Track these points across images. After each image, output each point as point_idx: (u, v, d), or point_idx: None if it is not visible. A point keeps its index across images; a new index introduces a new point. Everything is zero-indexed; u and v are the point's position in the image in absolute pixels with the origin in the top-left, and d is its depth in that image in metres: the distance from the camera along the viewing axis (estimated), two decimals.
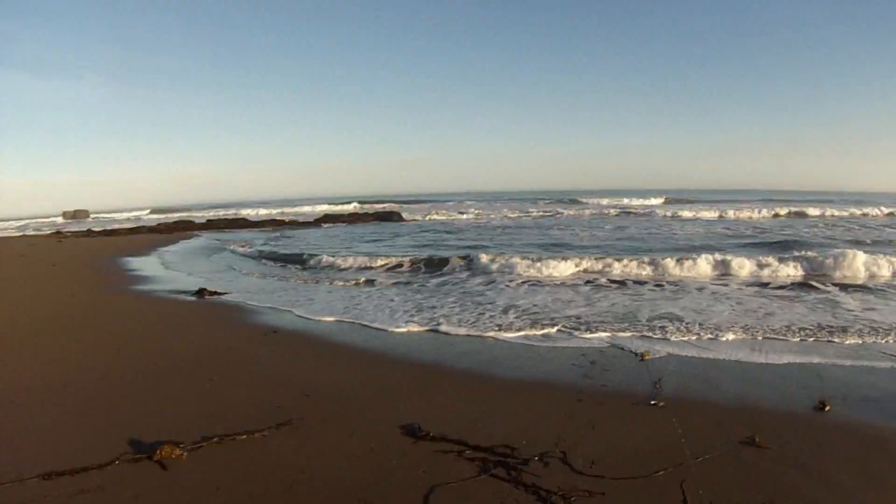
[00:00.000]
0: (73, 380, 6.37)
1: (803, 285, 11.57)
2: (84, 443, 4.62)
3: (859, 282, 11.84)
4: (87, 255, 22.77)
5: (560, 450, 4.39)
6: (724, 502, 3.62)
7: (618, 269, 13.32)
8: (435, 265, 15.22)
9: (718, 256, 13.75)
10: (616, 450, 4.41)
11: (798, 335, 7.90)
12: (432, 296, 11.56)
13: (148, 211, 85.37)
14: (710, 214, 36.22)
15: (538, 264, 13.78)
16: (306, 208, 62.11)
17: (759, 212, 36.41)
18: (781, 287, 11.59)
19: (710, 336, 7.91)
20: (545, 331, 8.41)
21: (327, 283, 13.68)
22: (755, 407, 5.32)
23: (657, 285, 11.95)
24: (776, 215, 35.48)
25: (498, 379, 6.33)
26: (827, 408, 5.19)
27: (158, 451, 4.27)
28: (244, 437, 4.64)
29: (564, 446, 4.45)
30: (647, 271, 13.17)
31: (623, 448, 4.45)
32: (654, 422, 4.99)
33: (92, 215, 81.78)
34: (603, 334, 8.13)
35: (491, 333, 8.36)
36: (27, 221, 73.27)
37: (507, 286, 12.27)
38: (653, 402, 5.43)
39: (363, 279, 13.82)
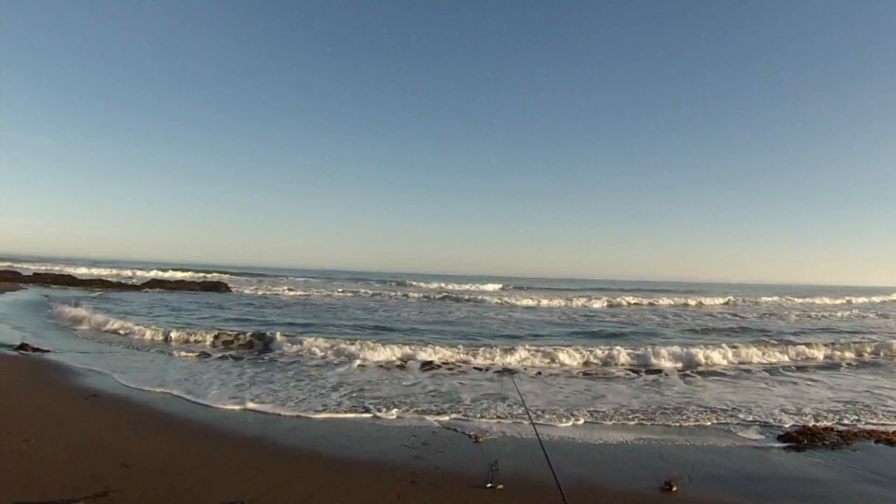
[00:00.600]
0: None
1: (633, 371, 12.01)
2: None
3: (690, 369, 12.44)
4: None
5: None
6: None
7: (445, 353, 12.93)
8: (260, 341, 14.31)
9: (544, 345, 13.96)
10: None
11: (633, 417, 7.95)
12: (259, 372, 10.89)
13: None
14: (546, 302, 36.59)
15: (363, 345, 13.23)
16: (138, 272, 57.47)
17: (599, 301, 37.86)
18: (606, 365, 12.22)
19: (542, 417, 7.76)
20: (374, 411, 7.98)
21: (150, 352, 12.80)
22: (599, 488, 5.08)
23: (484, 369, 11.81)
24: (613, 304, 37.36)
25: (327, 457, 5.89)
26: (674, 488, 5.02)
27: None
28: None
29: None
30: (472, 356, 12.81)
31: None
32: None
33: None
34: (439, 417, 7.77)
35: (319, 412, 7.91)
36: None
37: (333, 366, 11.75)
38: (489, 485, 5.02)
39: (194, 353, 12.75)
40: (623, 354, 13.01)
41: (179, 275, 52.59)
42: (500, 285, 63.27)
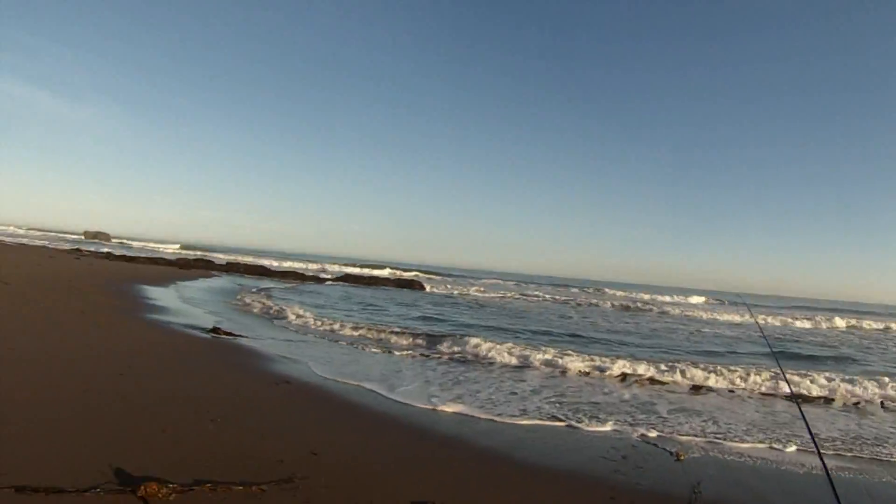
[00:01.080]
0: (67, 397, 5.98)
1: (829, 397, 11.15)
2: (68, 465, 4.28)
3: (890, 399, 11.19)
4: (103, 275, 22.89)
5: None
6: None
7: (641, 365, 12.62)
8: (453, 342, 14.46)
9: (742, 363, 13.43)
10: None
11: (829, 445, 7.58)
12: (451, 372, 10.91)
13: (178, 246, 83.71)
14: (748, 318, 33.26)
15: (558, 352, 13.39)
16: (329, 266, 61.06)
17: (800, 320, 34.44)
18: (799, 388, 11.44)
19: (738, 437, 7.65)
20: (570, 420, 7.93)
21: (342, 344, 13.32)
22: None
23: (680, 384, 11.56)
24: (815, 324, 33.73)
25: (523, 464, 5.83)
26: None
27: (143, 487, 3.93)
28: (241, 487, 4.21)
29: None
30: (669, 370, 12.40)
31: None
32: None
33: (113, 239, 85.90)
34: (638, 430, 7.65)
35: (515, 417, 7.86)
36: (48, 234, 77.87)
37: (527, 371, 11.88)
38: None
39: (387, 349, 13.25)
40: (819, 379, 12.19)
41: (376, 272, 54.17)
42: (704, 298, 59.33)
